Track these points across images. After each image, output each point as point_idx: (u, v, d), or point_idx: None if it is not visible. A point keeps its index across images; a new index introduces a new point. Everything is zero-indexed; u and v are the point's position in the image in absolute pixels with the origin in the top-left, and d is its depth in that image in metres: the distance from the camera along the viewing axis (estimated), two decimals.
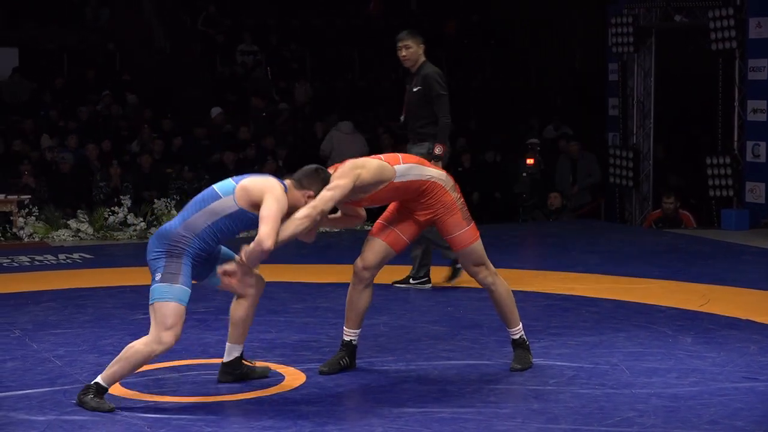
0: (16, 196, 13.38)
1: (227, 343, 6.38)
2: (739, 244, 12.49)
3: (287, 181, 6.09)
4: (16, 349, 7.35)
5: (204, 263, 6.07)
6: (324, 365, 6.67)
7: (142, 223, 13.37)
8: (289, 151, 16.85)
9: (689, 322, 8.07)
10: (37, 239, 12.98)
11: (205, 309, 8.50)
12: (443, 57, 21.84)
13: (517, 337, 6.72)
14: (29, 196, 13.72)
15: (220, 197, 5.97)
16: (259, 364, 6.66)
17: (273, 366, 6.75)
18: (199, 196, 6.08)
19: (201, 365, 6.83)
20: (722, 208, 14.54)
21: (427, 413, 5.82)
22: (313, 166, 6.22)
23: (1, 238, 12.91)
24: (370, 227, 7.29)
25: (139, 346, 5.87)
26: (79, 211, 13.67)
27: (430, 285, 9.52)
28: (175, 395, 6.20)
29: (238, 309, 6.30)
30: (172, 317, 5.84)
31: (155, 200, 13.96)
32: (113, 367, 5.89)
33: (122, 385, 6.34)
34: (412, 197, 6.44)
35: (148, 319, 5.94)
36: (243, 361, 6.44)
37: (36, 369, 6.81)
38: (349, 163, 6.28)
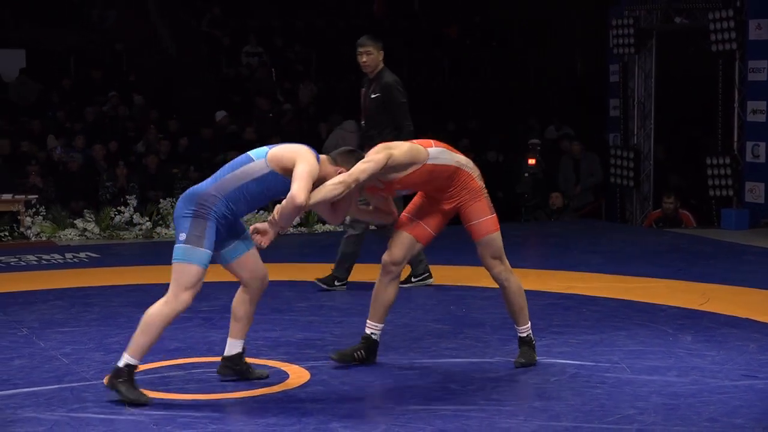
0: (24, 196, 13.48)
1: (228, 339, 6.42)
2: (739, 243, 12.52)
3: (321, 156, 6.17)
4: (24, 347, 7.39)
5: (228, 230, 6.11)
6: (335, 353, 6.73)
7: (148, 223, 13.45)
8: None
9: (689, 320, 8.11)
10: (44, 238, 13.05)
11: (210, 307, 8.55)
12: (444, 58, 21.94)
13: (524, 335, 6.75)
14: (36, 196, 13.82)
15: (253, 160, 6.04)
16: (264, 362, 6.73)
17: (277, 364, 6.80)
18: (233, 161, 6.14)
19: (206, 363, 6.87)
20: (722, 207, 14.60)
21: (431, 410, 5.86)
22: (348, 147, 6.38)
23: (9, 238, 12.98)
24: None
25: (158, 308, 5.92)
26: (85, 210, 13.75)
27: (432, 279, 9.59)
28: (180, 392, 6.24)
29: (240, 304, 6.34)
30: (193, 279, 5.92)
31: (161, 200, 14.04)
32: (139, 340, 5.91)
33: None
34: (441, 185, 6.49)
35: None
36: (244, 359, 6.47)
37: (43, 367, 6.84)
38: (382, 144, 6.41)
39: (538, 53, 22.43)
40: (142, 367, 6.73)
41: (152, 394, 6.18)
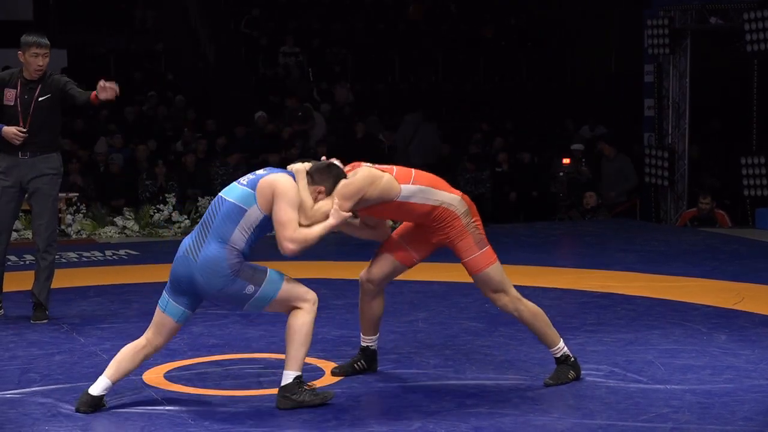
0: (65, 194, 13.60)
1: (104, 377, 6.04)
2: None
3: (298, 175, 5.95)
4: (64, 342, 7.48)
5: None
6: (337, 366, 6.67)
7: (187, 221, 13.57)
8: (329, 150, 16.98)
9: (724, 319, 8.10)
10: (84, 236, 13.16)
11: None
12: (480, 58, 21.99)
13: (558, 355, 6.43)
14: (77, 194, 13.95)
15: (246, 209, 5.80)
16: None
17: (313, 361, 6.81)
18: (222, 211, 5.84)
19: (244, 359, 6.95)
20: (757, 207, 14.57)
21: (465, 408, 5.89)
22: (327, 161, 6.07)
23: None
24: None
25: (303, 320, 5.86)
26: (125, 208, 13.88)
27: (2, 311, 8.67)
28: (217, 389, 6.29)
29: (132, 356, 6.07)
30: (298, 289, 5.88)
31: (199, 198, 14.17)
32: (299, 353, 5.87)
33: (166, 378, 6.49)
34: (415, 219, 6.28)
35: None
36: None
37: (83, 362, 6.93)
38: (361, 177, 6.04)
39: (573, 53, 22.44)
40: (180, 363, 6.85)
41: (190, 390, 6.25)
